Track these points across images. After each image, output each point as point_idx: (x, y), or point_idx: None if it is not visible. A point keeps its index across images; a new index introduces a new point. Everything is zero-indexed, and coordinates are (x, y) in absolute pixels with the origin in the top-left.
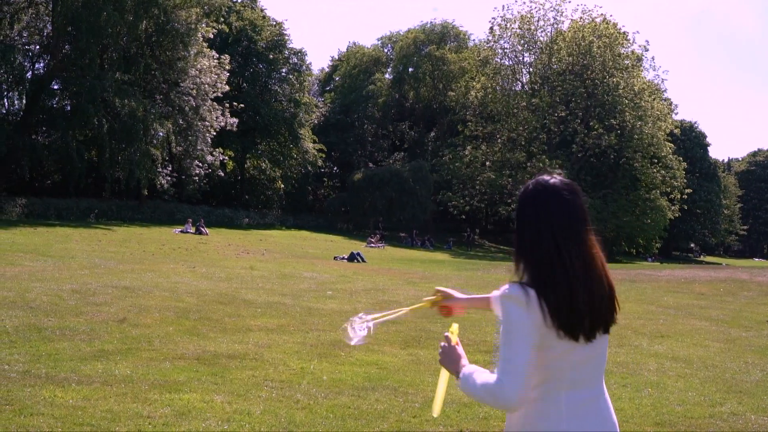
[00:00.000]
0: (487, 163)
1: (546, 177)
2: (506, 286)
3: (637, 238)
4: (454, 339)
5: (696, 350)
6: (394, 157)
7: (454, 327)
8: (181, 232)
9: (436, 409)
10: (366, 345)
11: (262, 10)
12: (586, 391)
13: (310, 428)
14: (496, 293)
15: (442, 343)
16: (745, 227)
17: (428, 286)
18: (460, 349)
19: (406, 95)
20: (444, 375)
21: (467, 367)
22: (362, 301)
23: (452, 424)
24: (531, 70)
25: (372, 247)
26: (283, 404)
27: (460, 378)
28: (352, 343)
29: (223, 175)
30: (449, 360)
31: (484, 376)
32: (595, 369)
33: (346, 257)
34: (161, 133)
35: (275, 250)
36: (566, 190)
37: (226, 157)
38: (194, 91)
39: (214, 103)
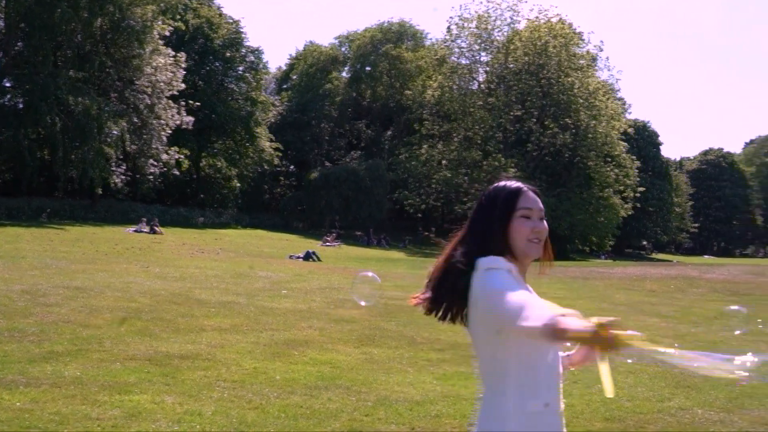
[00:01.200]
0: (444, 162)
1: None
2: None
3: (590, 236)
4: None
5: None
6: (350, 155)
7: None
8: (135, 231)
9: (609, 390)
10: (320, 344)
11: (218, 8)
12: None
13: (261, 428)
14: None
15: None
16: (696, 225)
17: (383, 284)
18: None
19: (363, 94)
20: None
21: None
22: (317, 299)
23: (404, 422)
24: (487, 69)
25: (327, 246)
26: (235, 404)
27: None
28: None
29: (178, 173)
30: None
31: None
32: None
33: (301, 256)
34: (115, 132)
35: (230, 249)
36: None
37: (182, 156)
38: (149, 89)
39: (170, 102)
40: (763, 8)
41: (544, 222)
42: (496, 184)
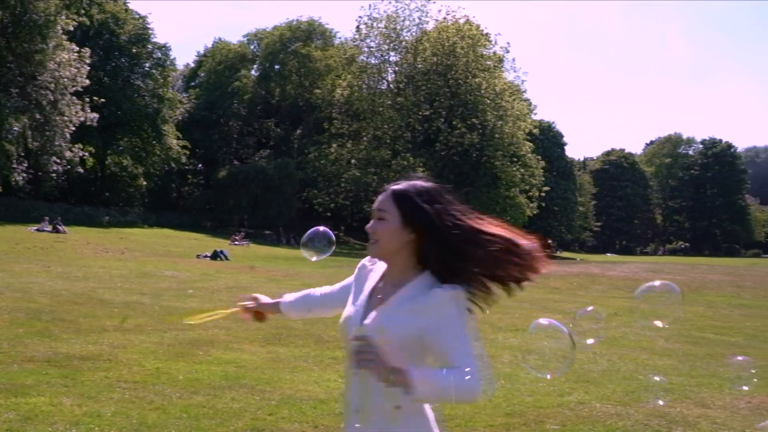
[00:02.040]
0: (353, 161)
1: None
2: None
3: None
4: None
5: (548, 342)
6: (259, 154)
7: (362, 327)
8: (37, 230)
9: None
10: (225, 344)
11: (124, 3)
12: None
13: (162, 429)
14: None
15: (360, 344)
16: (599, 224)
17: (292, 283)
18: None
19: (272, 92)
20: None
21: (416, 369)
22: (224, 299)
23: (308, 421)
24: (396, 69)
25: (236, 245)
26: (136, 405)
27: (415, 379)
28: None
29: (82, 171)
30: (380, 364)
31: (442, 373)
32: None
33: (209, 255)
34: (16, 128)
35: (136, 248)
36: None
37: (86, 154)
38: (53, 84)
39: (74, 98)
40: (662, 14)
41: (382, 223)
42: None
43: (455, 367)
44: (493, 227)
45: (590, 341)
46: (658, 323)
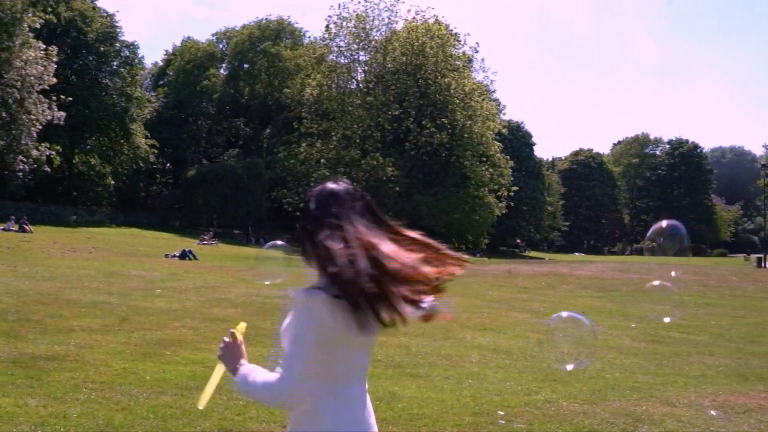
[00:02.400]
0: (322, 161)
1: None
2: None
3: (466, 234)
4: (239, 337)
5: (516, 341)
6: (228, 153)
7: (242, 326)
8: (4, 230)
9: (203, 402)
10: (193, 344)
11: (92, 1)
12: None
13: (128, 430)
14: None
15: (225, 339)
16: (567, 223)
17: (260, 283)
18: (243, 349)
19: (241, 91)
20: (219, 370)
21: (245, 366)
22: (192, 299)
23: (275, 421)
24: (366, 68)
25: (205, 244)
26: (102, 406)
27: (237, 376)
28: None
29: (49, 170)
30: (230, 356)
31: (264, 374)
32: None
33: (177, 255)
34: None
35: (104, 248)
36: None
37: (53, 152)
38: (19, 83)
39: (41, 96)
40: (630, 15)
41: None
42: None
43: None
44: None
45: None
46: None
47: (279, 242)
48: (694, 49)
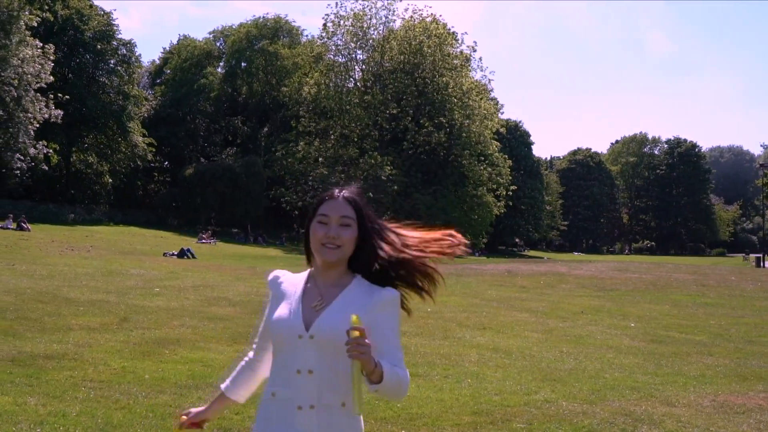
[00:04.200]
0: (320, 159)
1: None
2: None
3: (465, 234)
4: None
5: (515, 341)
6: (226, 152)
7: (356, 317)
8: (1, 228)
9: (358, 406)
10: (192, 342)
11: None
12: None
13: (128, 429)
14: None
15: (355, 334)
16: (566, 223)
17: (259, 281)
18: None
19: (239, 90)
20: (357, 368)
21: (381, 361)
22: (190, 297)
23: None
24: (363, 67)
25: (203, 243)
26: (101, 405)
27: (385, 372)
28: None
29: (47, 168)
30: (368, 352)
31: (395, 370)
32: None
33: (176, 253)
34: None
35: (102, 246)
36: None
37: (51, 151)
38: (16, 81)
39: (38, 94)
40: (629, 14)
41: (347, 231)
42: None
43: (392, 364)
44: (403, 230)
45: None
46: None
47: None
48: (693, 49)
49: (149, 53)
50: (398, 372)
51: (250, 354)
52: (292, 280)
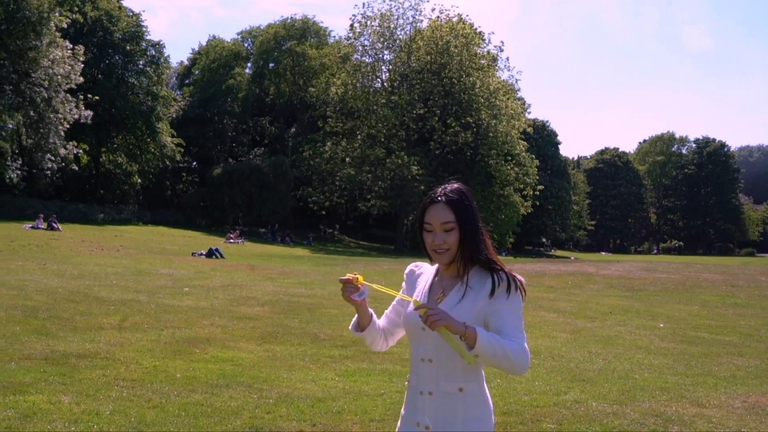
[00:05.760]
0: (347, 159)
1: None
2: (514, 274)
3: (492, 234)
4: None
5: (544, 341)
6: (254, 152)
7: (416, 301)
8: (32, 228)
9: (467, 358)
10: (222, 342)
11: (118, 0)
12: None
13: (161, 427)
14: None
15: (423, 311)
16: (593, 222)
17: (287, 281)
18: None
19: (266, 90)
20: (445, 333)
21: (476, 327)
22: (219, 297)
23: (305, 419)
24: (390, 67)
25: (231, 243)
26: (134, 403)
27: (479, 335)
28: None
29: (77, 169)
30: (449, 316)
31: (501, 339)
32: None
33: (204, 253)
34: (11, 125)
35: (131, 246)
36: None
37: (81, 151)
38: (46, 82)
39: (68, 95)
40: (657, 13)
41: (451, 234)
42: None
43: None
44: None
45: None
46: None
47: None
48: (722, 47)
49: (178, 54)
50: (501, 339)
51: (383, 318)
52: (425, 275)
